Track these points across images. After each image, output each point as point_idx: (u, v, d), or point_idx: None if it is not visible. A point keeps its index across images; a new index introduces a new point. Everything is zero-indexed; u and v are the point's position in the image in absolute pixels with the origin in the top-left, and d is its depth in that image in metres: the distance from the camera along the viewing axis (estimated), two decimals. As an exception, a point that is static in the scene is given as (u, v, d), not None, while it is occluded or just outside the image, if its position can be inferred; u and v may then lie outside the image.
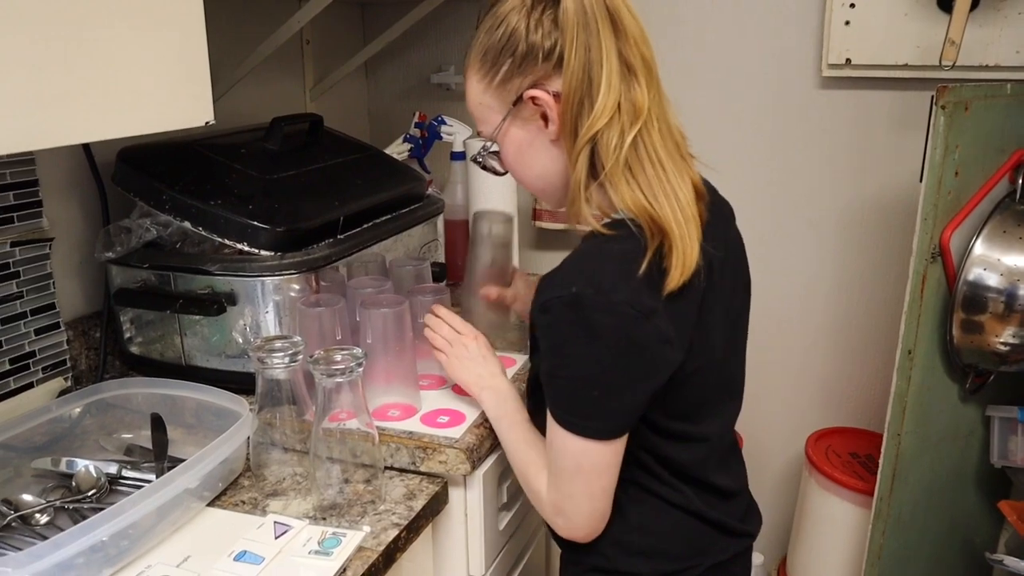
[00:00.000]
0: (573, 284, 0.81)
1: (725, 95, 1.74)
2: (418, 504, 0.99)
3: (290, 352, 0.97)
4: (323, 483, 0.97)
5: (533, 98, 0.87)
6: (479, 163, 0.98)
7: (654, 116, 0.85)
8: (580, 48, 0.83)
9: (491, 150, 0.95)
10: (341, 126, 1.56)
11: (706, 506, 0.95)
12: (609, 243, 0.84)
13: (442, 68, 1.89)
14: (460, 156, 1.66)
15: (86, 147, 1.20)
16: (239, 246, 1.10)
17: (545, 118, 0.88)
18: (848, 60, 1.63)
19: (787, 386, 1.88)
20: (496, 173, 0.99)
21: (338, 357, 0.95)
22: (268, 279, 1.10)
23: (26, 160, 1.14)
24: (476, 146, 1.45)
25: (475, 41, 0.91)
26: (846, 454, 1.73)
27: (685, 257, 0.82)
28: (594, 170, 0.86)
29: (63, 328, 1.22)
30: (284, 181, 1.19)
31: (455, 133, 1.67)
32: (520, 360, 1.28)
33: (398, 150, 1.68)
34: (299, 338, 1.00)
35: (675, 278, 0.82)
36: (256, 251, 1.10)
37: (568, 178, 0.89)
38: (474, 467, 1.04)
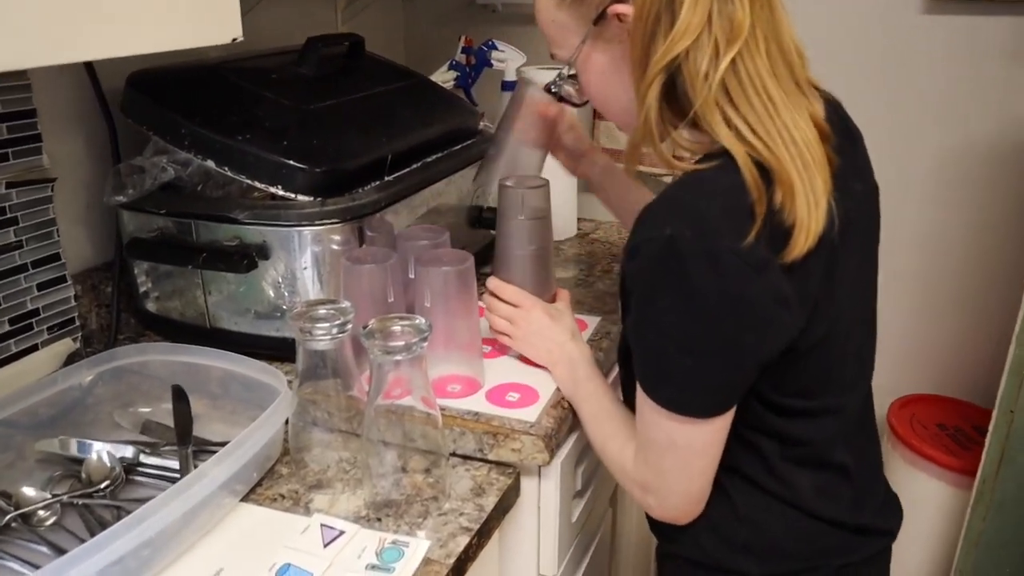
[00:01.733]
0: (668, 223, 0.66)
1: (814, 13, 1.52)
2: (489, 502, 0.83)
3: (338, 322, 0.80)
4: (376, 473, 0.81)
5: (619, 15, 0.71)
6: (554, 93, 0.83)
7: (760, 35, 0.68)
8: None
9: (568, 75, 0.80)
10: (376, 52, 1.37)
11: (830, 499, 0.79)
12: (712, 175, 0.68)
13: (489, -13, 1.68)
14: (511, 86, 1.47)
15: (91, 72, 1.02)
16: (272, 189, 0.92)
17: None
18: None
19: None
20: (574, 104, 0.85)
21: (397, 329, 0.78)
22: (306, 229, 0.93)
23: (20, 86, 0.96)
24: (538, 76, 1.26)
25: None
26: (933, 425, 1.57)
27: (810, 214, 0.66)
28: (678, 106, 0.70)
29: (70, 282, 1.05)
30: (323, 112, 1.01)
31: (507, 59, 1.47)
32: (592, 323, 1.11)
33: (443, 78, 1.48)
34: (347, 303, 0.83)
35: (799, 243, 0.65)
36: (292, 195, 0.92)
37: None
38: (552, 456, 0.88)
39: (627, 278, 0.72)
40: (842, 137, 0.74)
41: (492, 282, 0.99)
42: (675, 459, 0.75)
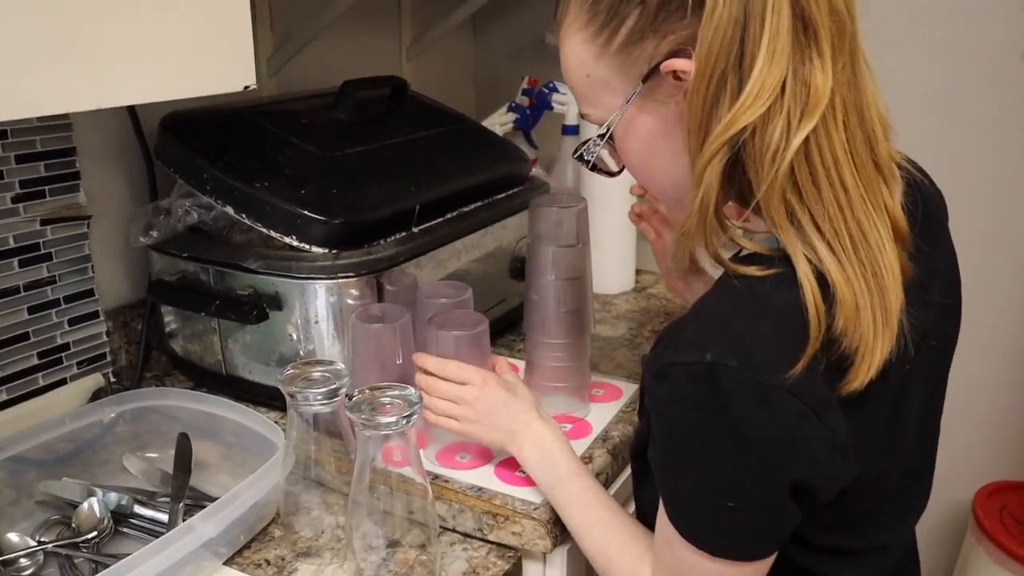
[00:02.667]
0: (708, 348, 0.54)
1: (898, 63, 1.40)
2: (480, 588, 0.77)
3: (329, 387, 0.77)
4: (360, 549, 0.76)
5: (675, 72, 0.57)
6: (585, 161, 0.69)
7: (838, 103, 0.55)
8: None
9: (604, 139, 0.65)
10: (442, 92, 1.34)
11: None
12: (765, 288, 0.56)
13: (560, 26, 1.63)
14: (573, 130, 1.41)
15: (132, 112, 1.03)
16: (287, 239, 0.90)
17: None
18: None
19: (954, 421, 1.54)
20: (609, 174, 0.71)
21: (385, 401, 0.73)
22: (319, 282, 0.90)
23: (60, 125, 0.98)
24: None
25: None
26: (1028, 518, 1.40)
27: (876, 339, 0.55)
28: (736, 191, 0.58)
29: (102, 318, 1.06)
30: (349, 159, 0.98)
31: (568, 103, 1.41)
32: (628, 391, 1.03)
33: (501, 121, 1.45)
34: (341, 366, 0.79)
35: (861, 372, 0.55)
36: (307, 247, 0.90)
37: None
38: (556, 543, 0.81)
39: (652, 401, 0.60)
40: (922, 230, 0.62)
41: (423, 359, 0.84)
42: None
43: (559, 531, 0.81)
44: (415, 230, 0.98)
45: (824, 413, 0.54)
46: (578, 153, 0.68)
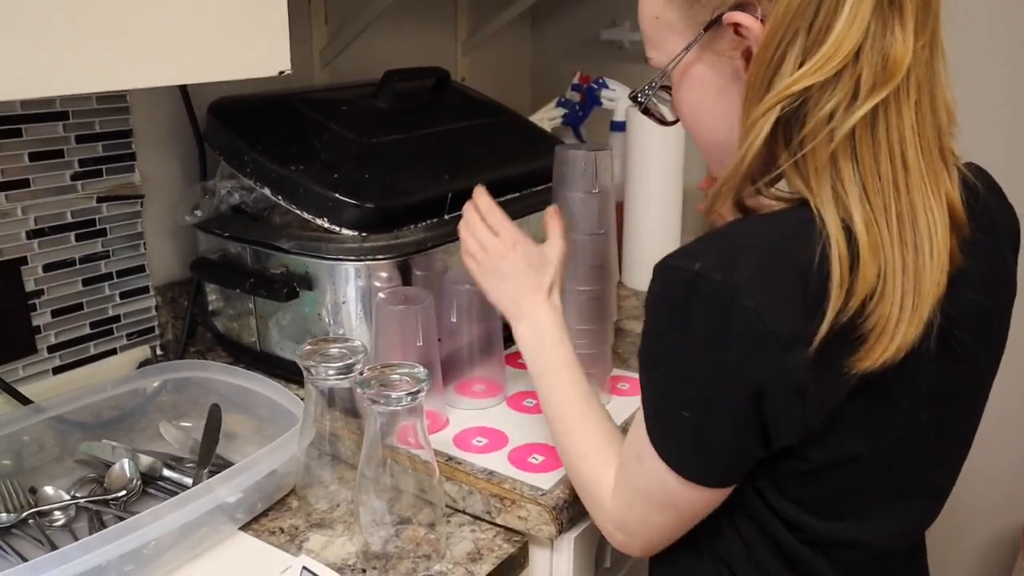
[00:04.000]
0: (701, 258, 0.56)
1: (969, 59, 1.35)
2: (483, 569, 0.78)
3: (345, 362, 0.79)
4: (368, 524, 0.78)
5: (736, 24, 0.57)
6: (639, 103, 0.69)
7: (913, 82, 0.54)
8: None
9: (660, 85, 0.66)
10: (498, 86, 1.36)
11: None
12: (776, 220, 0.57)
13: (616, 23, 1.62)
14: (621, 126, 1.41)
15: (185, 97, 1.08)
16: (319, 221, 0.93)
17: (748, 58, 0.58)
18: None
19: (1002, 440, 1.47)
20: (661, 122, 0.71)
21: (395, 378, 0.75)
22: (347, 263, 0.92)
23: (119, 108, 1.03)
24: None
25: None
26: (1089, 545, 1.32)
27: (896, 326, 0.54)
28: (782, 151, 0.57)
29: (152, 293, 1.12)
30: (385, 147, 1.00)
31: (617, 99, 1.41)
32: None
33: (550, 115, 1.45)
34: (359, 343, 0.81)
35: (873, 353, 0.54)
36: (337, 229, 0.92)
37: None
38: (561, 530, 0.81)
39: (646, 296, 0.61)
40: (980, 231, 0.60)
41: (479, 193, 0.85)
42: (668, 518, 0.65)
43: (565, 518, 0.82)
44: (447, 217, 1.00)
45: (789, 349, 0.53)
46: (634, 94, 0.69)
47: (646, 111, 0.70)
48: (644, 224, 1.36)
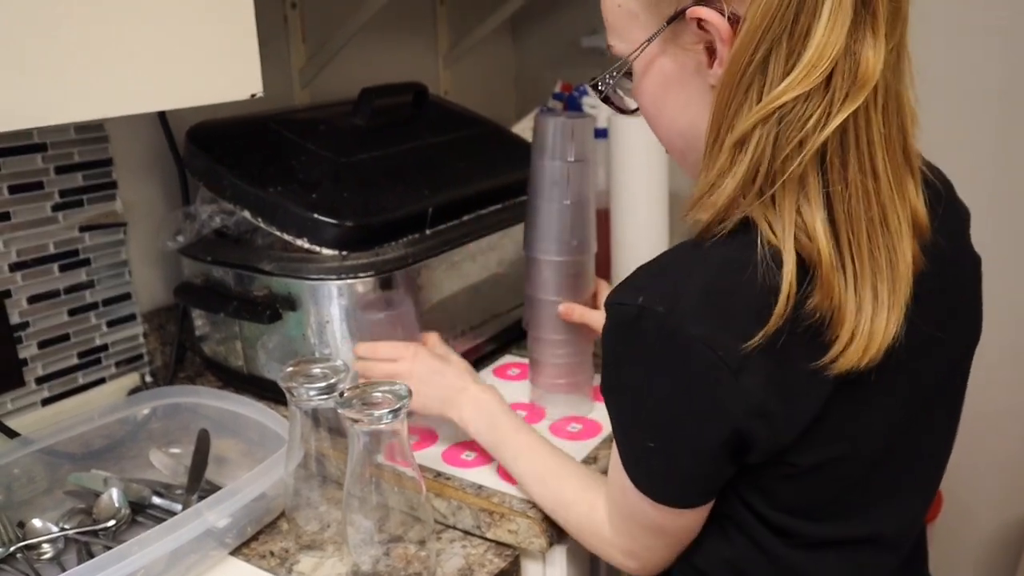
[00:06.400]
0: (644, 292, 0.57)
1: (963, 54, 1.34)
2: (474, 585, 0.78)
3: (327, 382, 0.79)
4: (357, 544, 0.78)
5: (700, 20, 0.56)
6: (599, 92, 0.68)
7: (881, 87, 0.53)
8: None
9: (622, 73, 0.65)
10: (482, 98, 1.36)
11: None
12: (716, 247, 0.57)
13: (596, 30, 1.62)
14: (603, 133, 1.41)
15: (164, 123, 1.08)
16: (299, 242, 0.93)
17: (711, 52, 0.57)
18: None
19: (1006, 434, 1.46)
20: (621, 111, 0.71)
21: (377, 396, 0.75)
22: (329, 283, 0.92)
23: (98, 138, 1.04)
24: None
25: None
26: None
27: (871, 328, 0.54)
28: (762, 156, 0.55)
29: (139, 320, 1.12)
30: (363, 164, 1.00)
31: (599, 106, 1.41)
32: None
33: (531, 125, 1.45)
34: (341, 362, 0.81)
35: (852, 356, 0.54)
36: (318, 249, 0.92)
37: None
38: (553, 542, 0.81)
39: (602, 332, 0.62)
40: (939, 231, 0.60)
41: (357, 347, 0.89)
42: (664, 540, 0.67)
43: (556, 530, 0.81)
44: (428, 232, 1.00)
45: (741, 372, 0.54)
46: (594, 82, 0.68)
47: (606, 99, 0.70)
48: (631, 231, 1.36)
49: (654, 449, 0.60)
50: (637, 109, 0.68)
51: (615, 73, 0.65)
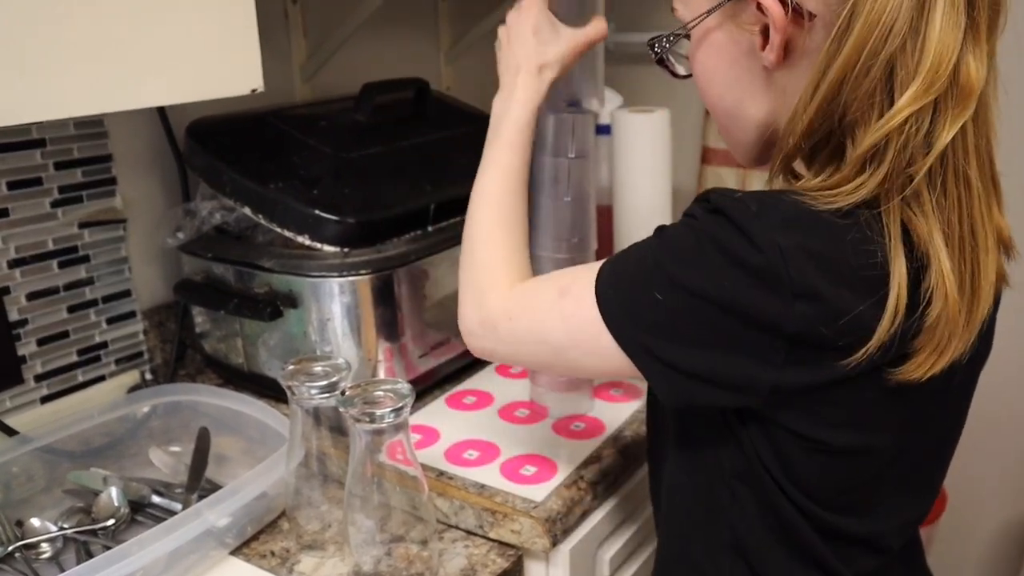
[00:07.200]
0: (744, 193, 0.55)
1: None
2: (476, 585, 0.77)
3: (328, 380, 0.78)
4: (358, 544, 0.77)
5: (759, 2, 0.56)
6: (656, 53, 0.67)
7: (980, 100, 0.52)
8: None
9: (679, 37, 0.65)
10: (485, 94, 1.33)
11: None
12: (827, 208, 0.54)
13: (599, 25, 1.61)
14: (607, 130, 1.40)
15: (164, 119, 1.07)
16: (300, 238, 0.92)
17: (765, 34, 0.57)
18: None
19: (1011, 433, 1.45)
20: (674, 75, 0.70)
21: (379, 395, 0.74)
22: (330, 280, 0.91)
23: (97, 134, 1.03)
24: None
25: None
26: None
27: (947, 344, 0.54)
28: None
29: (139, 317, 1.11)
30: (364, 161, 0.99)
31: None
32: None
33: (535, 122, 1.44)
34: (342, 360, 0.80)
35: (921, 368, 0.54)
36: (319, 246, 0.92)
37: (772, 127, 0.61)
38: (556, 542, 0.80)
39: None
40: None
41: None
42: (548, 352, 0.64)
43: (559, 530, 0.80)
44: (430, 229, 0.99)
45: (812, 300, 0.52)
46: (652, 42, 0.68)
47: (660, 61, 0.69)
48: (634, 228, 1.35)
49: (656, 302, 0.56)
50: (688, 75, 0.68)
51: (672, 37, 0.65)
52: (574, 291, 0.62)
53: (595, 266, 0.62)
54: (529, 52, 0.77)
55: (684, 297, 0.55)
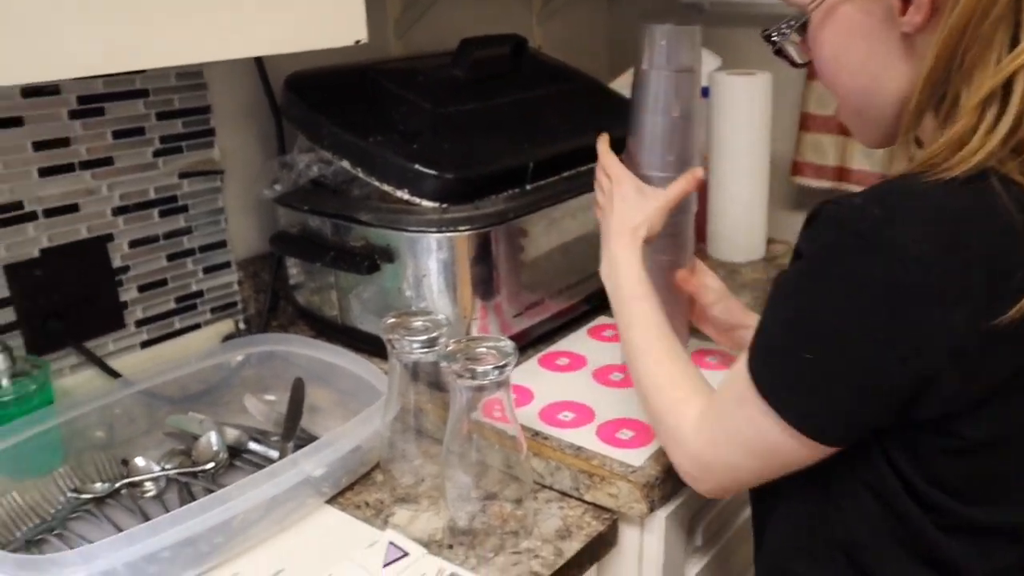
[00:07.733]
0: (863, 196, 0.54)
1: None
2: (572, 547, 0.76)
3: (427, 336, 0.77)
4: (454, 499, 0.77)
5: None
6: (773, 42, 0.67)
7: None
8: None
9: (798, 23, 0.63)
10: (575, 55, 1.32)
11: None
12: (950, 186, 0.52)
13: (696, -16, 1.56)
14: (704, 92, 1.35)
15: (262, 71, 1.07)
16: (399, 193, 0.91)
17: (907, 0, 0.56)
18: None
19: None
20: (792, 64, 0.69)
21: (481, 351, 0.73)
22: (431, 236, 0.90)
23: (197, 85, 1.03)
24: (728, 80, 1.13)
25: None
26: None
27: None
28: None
29: (234, 268, 1.12)
30: (462, 116, 0.98)
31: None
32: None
33: (630, 82, 1.40)
34: (442, 316, 0.80)
35: None
36: (418, 200, 0.91)
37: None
38: (653, 508, 0.79)
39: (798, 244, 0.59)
40: None
41: (600, 144, 0.85)
42: (758, 465, 0.62)
43: (657, 496, 0.79)
44: (528, 187, 0.97)
45: (955, 305, 0.50)
46: (767, 32, 0.67)
47: (779, 51, 0.67)
48: (730, 193, 1.31)
49: (811, 362, 0.55)
50: (808, 62, 0.66)
51: (793, 23, 0.63)
52: (748, 396, 0.59)
53: (745, 383, 0.60)
54: (623, 220, 0.80)
55: (834, 346, 0.54)
